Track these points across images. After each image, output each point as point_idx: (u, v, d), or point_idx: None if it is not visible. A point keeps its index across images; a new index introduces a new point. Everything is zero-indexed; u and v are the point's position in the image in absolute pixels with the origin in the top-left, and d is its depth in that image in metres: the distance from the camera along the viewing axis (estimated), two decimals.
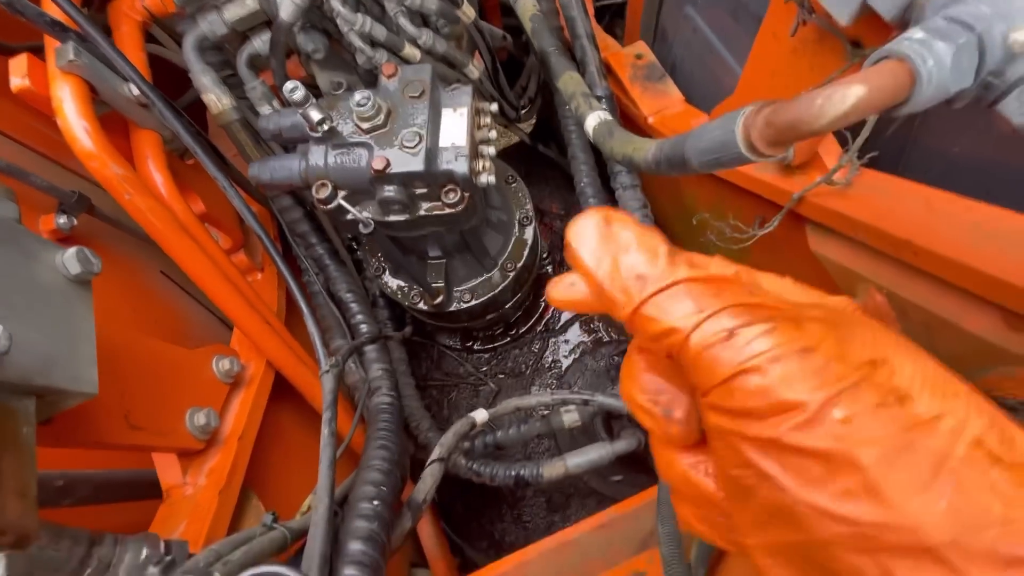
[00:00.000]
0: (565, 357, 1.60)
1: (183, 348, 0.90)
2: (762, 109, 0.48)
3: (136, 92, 0.89)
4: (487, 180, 0.96)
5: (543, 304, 1.62)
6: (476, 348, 1.63)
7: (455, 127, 0.93)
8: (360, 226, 0.93)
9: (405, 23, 1.00)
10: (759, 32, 0.85)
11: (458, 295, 1.27)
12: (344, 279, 1.26)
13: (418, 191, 0.95)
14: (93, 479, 0.77)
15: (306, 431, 1.18)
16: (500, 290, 1.27)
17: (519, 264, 1.28)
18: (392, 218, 0.97)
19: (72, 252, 0.57)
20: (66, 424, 0.61)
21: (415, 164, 0.88)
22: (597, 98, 1.11)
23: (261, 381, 1.01)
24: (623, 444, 1.11)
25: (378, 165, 0.87)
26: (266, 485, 0.97)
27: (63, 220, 0.92)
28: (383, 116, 0.90)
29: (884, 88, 0.42)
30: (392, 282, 1.30)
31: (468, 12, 1.08)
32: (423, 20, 1.07)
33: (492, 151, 1.00)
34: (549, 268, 1.66)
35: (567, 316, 1.64)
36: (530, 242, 1.30)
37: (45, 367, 0.50)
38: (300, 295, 0.96)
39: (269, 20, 1.02)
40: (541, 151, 1.80)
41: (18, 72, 0.78)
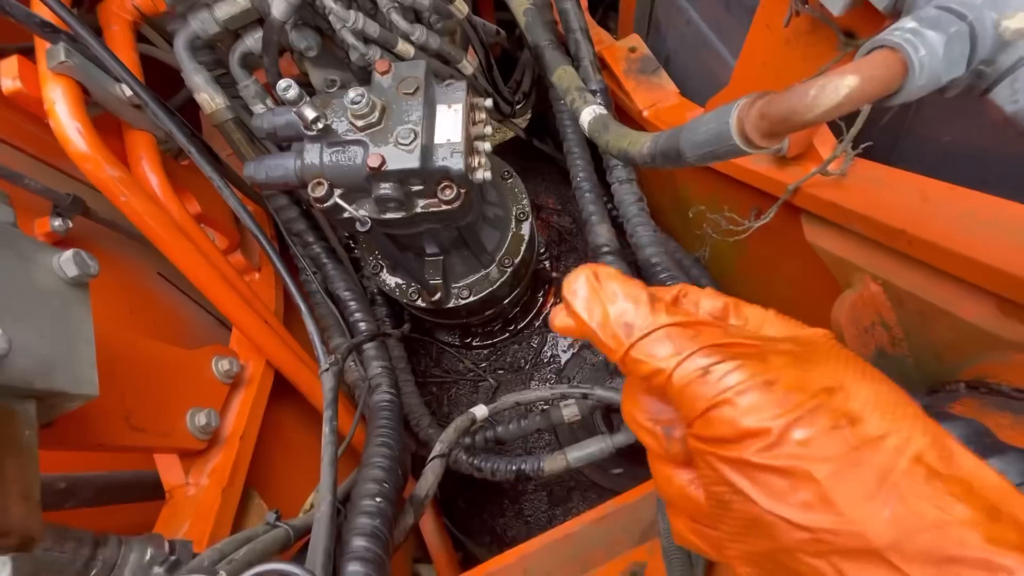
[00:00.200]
0: (564, 352, 1.60)
1: (182, 349, 0.90)
2: (756, 101, 0.49)
3: (129, 93, 0.89)
4: (483, 176, 0.96)
5: (541, 299, 1.63)
6: (475, 344, 1.63)
7: (450, 123, 0.93)
8: (357, 224, 0.93)
9: (398, 19, 1.00)
10: (752, 23, 0.85)
11: (456, 292, 1.28)
12: (342, 277, 1.26)
13: (414, 188, 0.95)
14: (95, 481, 0.77)
15: (307, 430, 1.18)
16: (498, 286, 1.28)
17: (516, 260, 1.28)
18: (389, 215, 0.97)
19: (69, 255, 0.57)
20: (67, 427, 0.61)
21: (411, 161, 0.88)
22: (592, 92, 1.11)
23: (261, 381, 1.01)
24: (623, 437, 1.11)
25: (374, 163, 0.87)
26: (268, 484, 0.97)
27: (58, 223, 0.92)
28: (378, 113, 0.90)
29: (877, 78, 0.42)
30: (390, 280, 1.30)
31: (461, 7, 1.08)
32: (416, 16, 1.06)
33: (487, 147, 1.00)
34: (546, 263, 1.66)
35: None
36: (527, 238, 1.30)
37: (45, 370, 0.50)
38: (298, 294, 0.96)
39: (261, 18, 1.01)
40: (537, 146, 1.80)
41: (9, 74, 0.77)
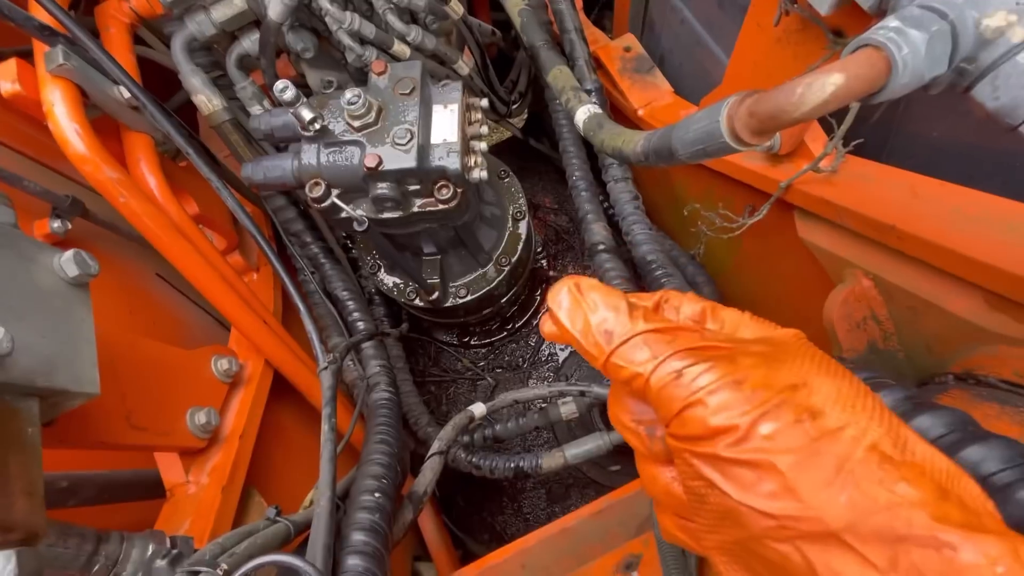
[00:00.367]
0: (561, 350, 1.61)
1: (182, 349, 0.90)
2: (745, 99, 0.50)
3: (127, 95, 0.89)
4: (479, 175, 0.97)
5: (538, 298, 1.63)
6: (473, 343, 1.64)
7: (446, 123, 0.94)
8: (354, 224, 0.94)
9: (394, 20, 1.01)
10: (744, 22, 0.85)
11: (453, 291, 1.28)
12: (340, 277, 1.27)
13: (411, 188, 0.95)
14: (97, 480, 0.78)
15: (306, 428, 1.19)
16: (495, 285, 1.28)
17: (514, 259, 1.29)
18: (386, 215, 0.98)
19: (69, 255, 0.58)
20: (69, 425, 0.62)
21: (407, 161, 0.89)
22: (587, 91, 1.12)
23: (260, 380, 1.02)
24: (619, 434, 1.12)
25: (371, 163, 0.88)
26: (268, 482, 0.98)
27: (57, 224, 0.93)
28: (374, 114, 0.90)
29: (861, 76, 0.43)
30: (388, 279, 1.31)
31: (456, 8, 1.09)
32: (412, 17, 1.07)
33: (484, 146, 1.00)
34: (543, 262, 1.67)
35: None
36: (524, 236, 1.31)
37: (47, 368, 0.51)
38: (296, 294, 0.96)
39: (257, 20, 1.02)
40: (533, 145, 1.81)
41: (8, 77, 0.78)
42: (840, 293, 0.81)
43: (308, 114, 0.87)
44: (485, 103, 1.03)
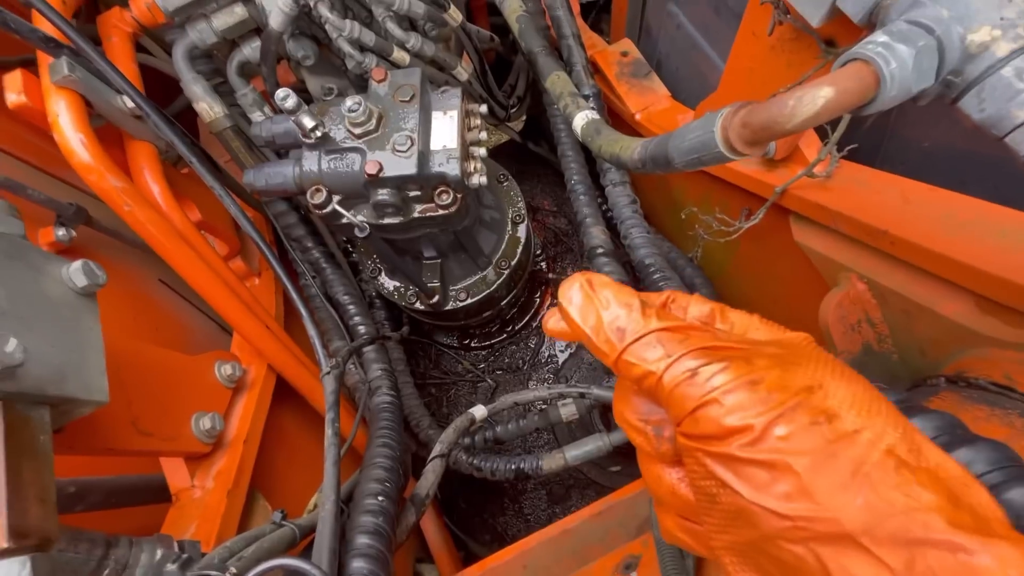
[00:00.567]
0: (561, 352, 1.62)
1: (185, 355, 0.91)
2: (738, 111, 0.51)
3: (130, 104, 0.90)
4: (479, 181, 0.98)
5: (538, 300, 1.65)
6: (473, 345, 1.65)
7: (446, 130, 0.95)
8: (355, 230, 0.95)
9: (393, 27, 1.02)
10: (739, 31, 0.87)
11: (454, 294, 1.30)
12: (341, 282, 1.28)
13: (411, 194, 0.96)
14: (104, 485, 0.79)
15: (309, 432, 1.20)
16: (495, 288, 1.30)
17: (513, 262, 1.30)
18: (387, 221, 0.99)
19: (78, 265, 0.59)
20: (77, 432, 0.63)
21: (408, 167, 0.90)
22: (584, 97, 1.13)
23: (263, 384, 1.03)
24: (620, 435, 1.13)
25: (371, 169, 0.89)
26: (272, 486, 0.99)
27: (62, 232, 0.94)
28: (375, 121, 0.91)
29: (851, 90, 0.44)
30: (388, 283, 1.32)
31: (455, 15, 1.10)
32: (411, 24, 1.08)
33: (483, 152, 1.02)
34: (543, 264, 1.68)
35: None
36: (523, 240, 1.32)
37: (58, 377, 0.52)
38: (298, 299, 0.97)
39: (258, 27, 1.03)
40: (532, 149, 1.82)
41: (14, 88, 0.79)
42: (835, 296, 0.82)
43: (309, 122, 0.88)
44: (484, 109, 1.05)
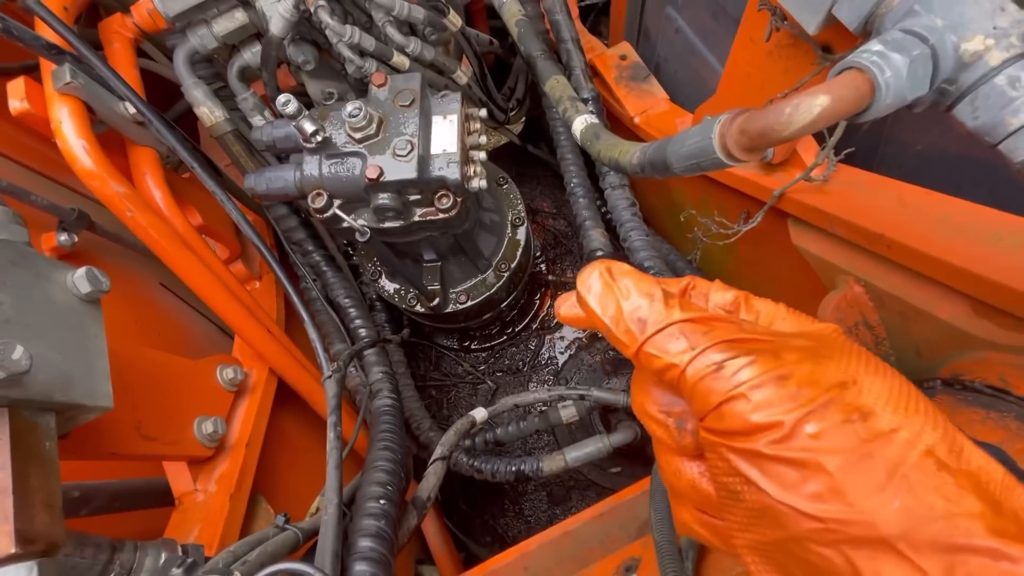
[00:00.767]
0: (561, 353, 1.63)
1: (187, 359, 0.92)
2: (736, 117, 0.51)
3: (132, 110, 0.91)
4: (479, 185, 0.99)
5: (538, 302, 1.65)
6: (473, 347, 1.65)
7: (446, 134, 0.95)
8: (356, 234, 0.95)
9: (393, 32, 1.02)
10: (736, 36, 0.87)
11: (454, 297, 1.30)
12: (341, 285, 1.29)
13: (412, 198, 0.97)
14: (107, 489, 0.79)
15: (310, 435, 1.21)
16: (495, 290, 1.30)
17: (513, 264, 1.30)
18: (387, 225, 1.00)
19: (82, 272, 0.60)
20: (82, 437, 0.64)
21: (408, 172, 0.91)
22: (583, 101, 1.14)
23: (264, 388, 1.04)
24: (620, 436, 1.14)
25: (372, 174, 0.90)
26: (274, 489, 0.99)
27: (64, 238, 0.94)
28: (375, 126, 0.92)
29: (846, 98, 0.45)
30: (389, 286, 1.32)
31: (455, 20, 1.10)
32: (411, 29, 1.09)
33: (483, 156, 1.02)
34: (542, 266, 1.69)
35: None
36: (523, 242, 1.32)
37: (64, 384, 0.53)
38: (299, 302, 0.98)
39: (259, 32, 1.04)
40: (531, 151, 1.83)
41: (16, 95, 0.79)
42: (832, 299, 0.82)
43: (310, 127, 0.89)
44: (484, 113, 1.05)
